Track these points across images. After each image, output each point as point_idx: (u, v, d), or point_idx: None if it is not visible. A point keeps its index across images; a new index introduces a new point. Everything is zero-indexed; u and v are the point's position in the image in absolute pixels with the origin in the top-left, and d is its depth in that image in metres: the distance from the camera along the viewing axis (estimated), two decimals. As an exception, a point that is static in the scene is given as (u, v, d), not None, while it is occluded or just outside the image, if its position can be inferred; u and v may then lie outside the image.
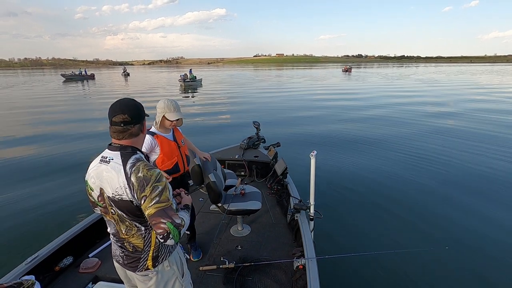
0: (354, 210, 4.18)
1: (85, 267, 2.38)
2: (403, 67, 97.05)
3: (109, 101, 7.81)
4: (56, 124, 10.82)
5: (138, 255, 1.32)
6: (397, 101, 15.14)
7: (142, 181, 1.16)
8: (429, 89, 21.46)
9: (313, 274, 2.01)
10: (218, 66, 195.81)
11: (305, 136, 8.29)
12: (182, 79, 25.01)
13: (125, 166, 1.19)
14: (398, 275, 2.89)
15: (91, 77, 41.13)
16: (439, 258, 3.09)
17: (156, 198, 1.15)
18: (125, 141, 1.26)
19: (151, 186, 1.15)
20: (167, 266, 1.38)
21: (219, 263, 2.42)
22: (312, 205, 2.63)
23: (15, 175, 5.80)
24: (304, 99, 16.66)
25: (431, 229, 3.67)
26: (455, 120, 10.11)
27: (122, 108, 1.22)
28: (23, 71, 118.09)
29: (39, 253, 2.22)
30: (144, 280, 1.37)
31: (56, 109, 14.45)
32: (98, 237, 2.77)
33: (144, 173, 1.16)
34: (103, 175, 1.22)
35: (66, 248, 2.41)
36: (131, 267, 1.35)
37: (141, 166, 1.19)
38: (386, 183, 5.05)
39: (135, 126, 1.26)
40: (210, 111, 13.19)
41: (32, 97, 20.36)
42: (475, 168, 5.67)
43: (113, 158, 1.22)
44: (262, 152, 4.60)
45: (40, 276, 2.13)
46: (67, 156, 6.87)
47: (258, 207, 2.77)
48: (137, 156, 1.24)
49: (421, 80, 31.08)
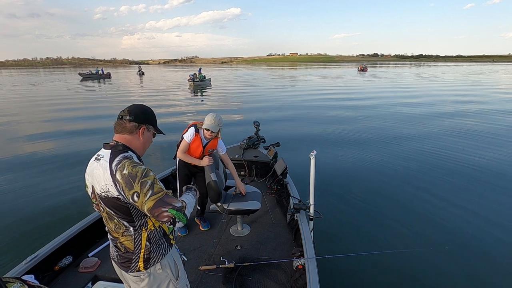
0: (354, 210, 4.18)
1: (85, 267, 2.38)
2: (421, 66, 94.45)
3: (122, 99, 7.97)
4: (68, 121, 11.22)
5: (129, 256, 1.33)
6: (460, 107, 13.21)
7: (127, 178, 1.16)
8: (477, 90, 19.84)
9: (312, 274, 2.00)
10: (232, 65, 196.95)
11: (305, 136, 8.33)
12: (192, 78, 24.68)
13: (111, 163, 1.20)
14: (398, 275, 2.90)
15: (107, 76, 42.19)
16: (439, 258, 3.09)
17: (149, 191, 1.16)
18: (120, 137, 1.30)
19: (139, 182, 1.16)
20: (159, 269, 1.37)
21: (218, 263, 2.41)
22: (312, 205, 2.61)
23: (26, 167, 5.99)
24: (308, 99, 16.51)
25: (431, 229, 3.68)
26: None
27: (130, 108, 1.33)
28: (45, 70, 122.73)
29: (39, 252, 2.22)
30: (136, 281, 1.38)
31: (72, 106, 15.00)
32: (98, 237, 2.76)
33: (129, 170, 1.17)
34: (94, 172, 1.25)
35: (65, 247, 2.41)
36: (124, 267, 1.36)
37: (127, 164, 1.19)
38: (386, 183, 5.06)
39: (131, 123, 1.29)
40: (214, 110, 13.28)
41: (50, 95, 21.17)
42: (475, 168, 5.65)
43: (103, 156, 1.25)
44: (262, 152, 4.57)
45: (39, 276, 2.13)
46: (75, 152, 7.06)
47: (258, 207, 2.76)
48: (126, 154, 1.25)
49: (462, 81, 28.52)
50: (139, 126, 1.31)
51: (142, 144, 1.35)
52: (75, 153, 7.02)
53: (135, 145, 1.33)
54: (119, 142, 1.29)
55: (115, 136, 1.31)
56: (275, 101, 15.63)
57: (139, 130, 1.31)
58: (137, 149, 1.34)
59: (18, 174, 5.76)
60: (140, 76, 47.90)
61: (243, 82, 30.14)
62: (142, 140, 1.34)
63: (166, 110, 13.40)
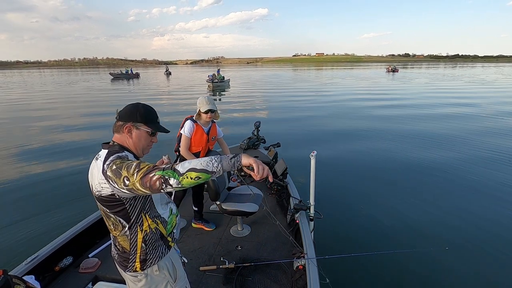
0: (354, 210, 4.17)
1: (85, 267, 2.37)
2: (459, 67, 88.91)
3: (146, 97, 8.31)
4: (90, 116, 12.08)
5: (126, 256, 1.34)
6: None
7: (116, 170, 1.15)
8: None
9: (313, 274, 1.98)
10: (257, 65, 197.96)
11: (305, 136, 8.37)
12: (210, 79, 24.49)
13: (104, 163, 1.21)
14: (398, 275, 2.90)
15: (136, 76, 43.93)
16: (439, 258, 3.09)
17: (135, 169, 1.11)
18: (114, 136, 1.33)
19: (125, 168, 1.13)
20: (156, 270, 1.36)
21: (219, 263, 2.41)
22: (312, 205, 2.59)
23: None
24: (315, 100, 16.31)
25: (431, 229, 3.68)
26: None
27: (125, 107, 1.35)
28: (82, 69, 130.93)
29: (39, 253, 2.22)
30: (133, 281, 1.38)
31: (101, 103, 16.09)
32: (98, 237, 2.76)
33: (117, 165, 1.17)
34: (92, 171, 1.27)
35: (66, 248, 2.41)
36: (122, 266, 1.37)
37: (117, 162, 1.18)
38: (386, 184, 5.04)
39: (118, 122, 1.31)
40: (233, 110, 13.46)
41: (82, 92, 22.76)
42: (475, 167, 5.65)
43: (101, 156, 1.26)
44: (262, 153, 4.55)
45: (40, 276, 2.13)
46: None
47: (255, 209, 2.75)
48: (120, 154, 1.24)
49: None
50: (124, 125, 1.30)
51: (133, 143, 1.32)
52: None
53: (128, 144, 1.32)
54: (116, 142, 1.31)
55: (114, 134, 1.33)
56: (289, 102, 15.52)
57: (125, 129, 1.30)
58: (130, 148, 1.33)
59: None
60: (167, 76, 49.46)
61: (260, 84, 29.91)
62: (131, 139, 1.32)
63: (180, 108, 13.86)
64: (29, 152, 7.15)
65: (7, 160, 6.59)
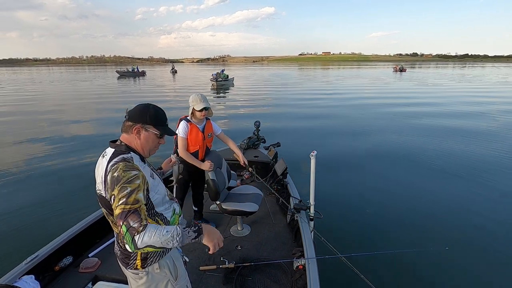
0: (354, 210, 4.16)
1: (85, 267, 2.36)
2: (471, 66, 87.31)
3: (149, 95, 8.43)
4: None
5: (128, 253, 1.34)
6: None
7: (114, 180, 1.14)
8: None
9: (313, 274, 1.98)
10: (263, 64, 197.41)
11: (305, 136, 8.36)
12: (214, 78, 24.24)
13: (109, 163, 1.20)
14: (399, 275, 2.90)
15: (142, 74, 44.17)
16: (439, 258, 3.09)
17: (123, 199, 1.10)
18: (122, 136, 1.32)
19: (120, 186, 1.12)
20: (156, 269, 1.36)
21: (219, 263, 2.41)
22: (312, 205, 2.57)
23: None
24: (315, 100, 16.20)
25: (431, 229, 3.68)
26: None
27: (133, 107, 1.35)
28: (90, 67, 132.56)
29: (39, 252, 2.20)
30: (135, 278, 1.39)
31: (105, 100, 16.44)
32: (98, 237, 2.73)
33: (119, 173, 1.15)
34: (98, 168, 1.28)
35: (66, 247, 2.39)
36: (124, 263, 1.37)
37: (121, 166, 1.17)
38: (385, 184, 5.03)
39: (128, 122, 1.31)
40: (224, 106, 13.56)
41: (88, 90, 23.22)
42: (474, 167, 5.63)
43: (107, 154, 1.26)
44: (262, 152, 4.53)
45: (40, 276, 2.13)
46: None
47: (255, 209, 2.74)
48: (125, 155, 1.24)
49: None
50: (133, 126, 1.29)
51: (140, 144, 1.32)
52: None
53: (135, 145, 1.32)
54: (123, 142, 1.30)
55: (122, 134, 1.33)
56: (290, 102, 15.51)
57: (134, 130, 1.30)
58: (137, 149, 1.32)
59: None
60: (173, 74, 49.56)
61: (264, 83, 29.76)
62: (139, 141, 1.31)
63: (186, 105, 13.96)
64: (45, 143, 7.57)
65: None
